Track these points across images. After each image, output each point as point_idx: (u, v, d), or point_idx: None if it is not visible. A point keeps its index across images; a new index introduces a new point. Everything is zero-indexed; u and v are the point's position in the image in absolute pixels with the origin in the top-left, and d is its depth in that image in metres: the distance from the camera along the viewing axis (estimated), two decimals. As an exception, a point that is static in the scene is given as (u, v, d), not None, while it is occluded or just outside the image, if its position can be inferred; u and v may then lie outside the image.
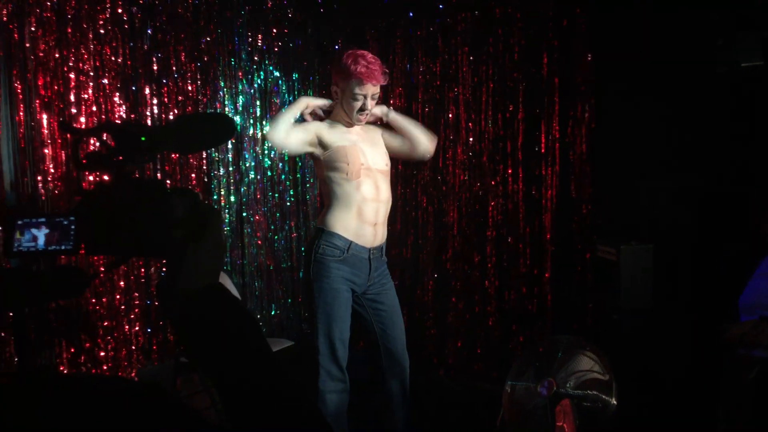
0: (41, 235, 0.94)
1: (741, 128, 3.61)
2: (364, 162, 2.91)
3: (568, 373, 3.17)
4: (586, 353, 3.18)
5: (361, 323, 3.07)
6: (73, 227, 0.94)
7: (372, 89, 2.88)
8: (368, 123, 3.07)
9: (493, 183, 4.50)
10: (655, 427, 3.36)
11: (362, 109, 2.89)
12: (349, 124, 2.97)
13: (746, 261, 2.92)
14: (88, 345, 3.98)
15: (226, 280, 4.00)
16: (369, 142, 3.01)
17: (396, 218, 4.79)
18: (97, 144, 1.01)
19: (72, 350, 3.89)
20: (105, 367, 4.03)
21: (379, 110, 3.06)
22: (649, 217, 3.98)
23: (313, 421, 0.89)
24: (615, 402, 3.03)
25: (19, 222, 0.95)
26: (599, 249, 3.96)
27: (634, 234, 3.89)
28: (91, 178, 3.87)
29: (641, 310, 3.75)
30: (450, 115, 4.62)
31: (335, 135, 2.92)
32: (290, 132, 2.86)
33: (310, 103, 2.99)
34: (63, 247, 0.94)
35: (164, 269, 2.49)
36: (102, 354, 4.04)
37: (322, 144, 2.91)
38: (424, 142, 3.09)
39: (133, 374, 4.18)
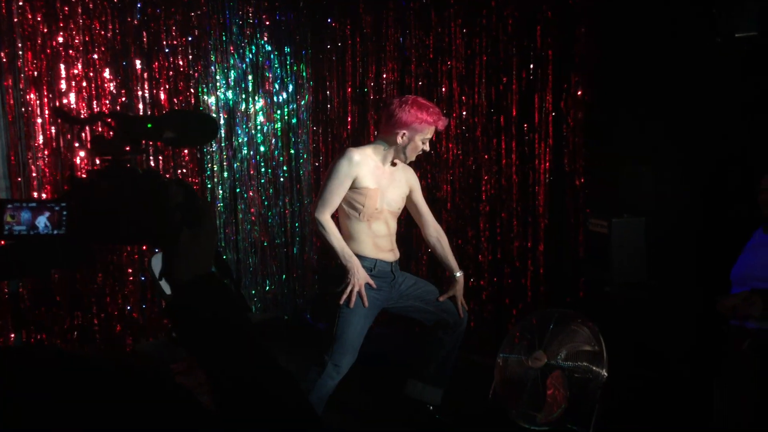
0: (31, 218, 0.94)
1: (738, 100, 3.59)
2: (380, 206, 3.04)
3: (560, 346, 3.21)
4: (578, 326, 3.22)
5: (411, 314, 3.31)
6: (65, 213, 0.94)
7: None
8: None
9: (486, 157, 4.50)
10: (647, 399, 3.40)
11: (423, 152, 3.08)
12: (384, 162, 3.07)
13: (741, 233, 2.94)
14: (77, 322, 3.99)
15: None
16: (394, 184, 3.13)
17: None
18: (101, 128, 1.02)
19: (65, 326, 3.90)
20: (98, 343, 4.05)
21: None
22: (642, 191, 3.98)
23: (301, 412, 0.90)
24: (605, 373, 3.08)
25: (9, 206, 0.95)
26: (591, 222, 3.97)
27: (627, 208, 3.90)
28: (77, 160, 3.85)
29: (633, 284, 3.77)
30: (443, 89, 4.59)
31: (366, 174, 2.99)
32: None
33: (359, 283, 3.02)
34: (55, 232, 0.94)
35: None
36: (96, 329, 4.05)
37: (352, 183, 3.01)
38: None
39: (128, 350, 4.20)
